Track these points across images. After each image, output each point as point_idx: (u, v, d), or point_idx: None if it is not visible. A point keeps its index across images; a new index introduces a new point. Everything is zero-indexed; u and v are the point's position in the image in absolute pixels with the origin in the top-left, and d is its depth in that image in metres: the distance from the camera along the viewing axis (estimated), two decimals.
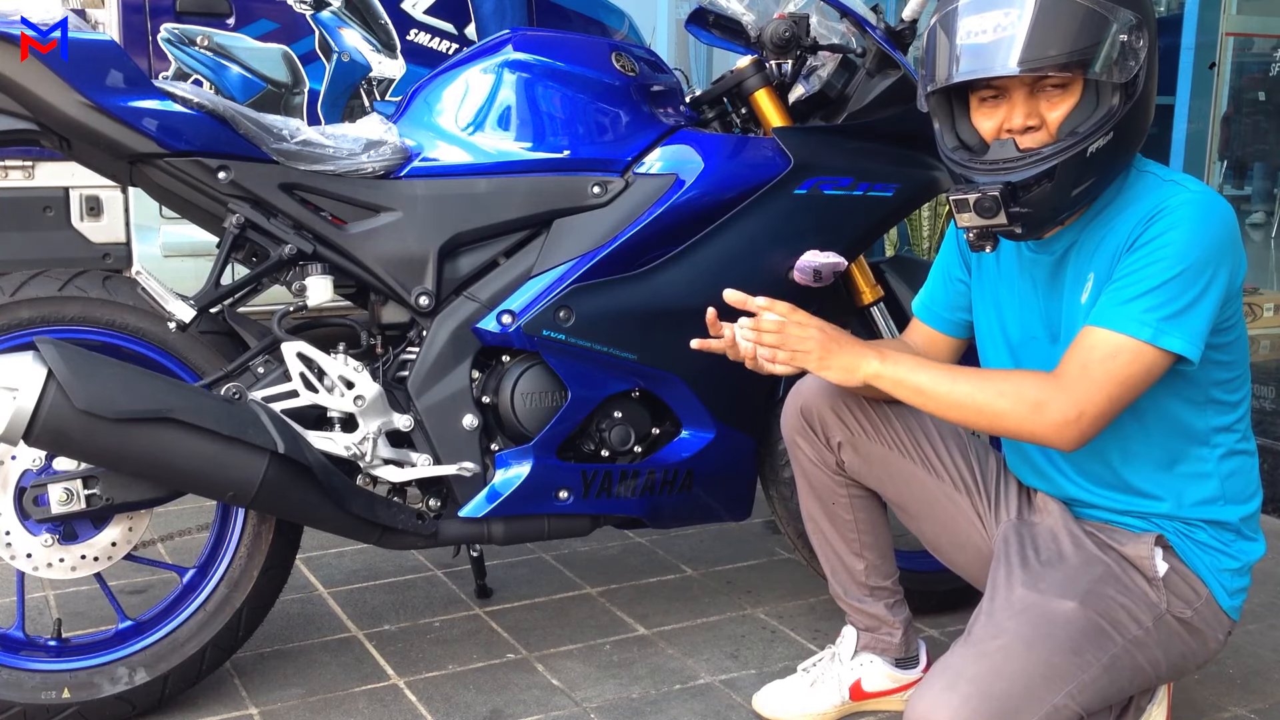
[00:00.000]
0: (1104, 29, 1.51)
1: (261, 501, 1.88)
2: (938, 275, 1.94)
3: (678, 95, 2.27)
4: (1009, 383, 1.59)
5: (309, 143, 2.00)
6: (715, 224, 2.15)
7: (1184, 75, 3.52)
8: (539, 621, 2.44)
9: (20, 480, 1.90)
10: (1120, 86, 1.54)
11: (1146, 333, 1.52)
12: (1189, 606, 1.66)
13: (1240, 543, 1.70)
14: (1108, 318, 1.55)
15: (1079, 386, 1.54)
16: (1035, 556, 1.70)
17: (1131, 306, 1.53)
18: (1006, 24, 1.53)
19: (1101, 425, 1.55)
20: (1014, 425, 1.58)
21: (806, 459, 1.97)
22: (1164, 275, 1.53)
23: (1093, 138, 1.54)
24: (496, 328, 2.06)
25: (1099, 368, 1.54)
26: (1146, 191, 1.61)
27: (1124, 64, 1.53)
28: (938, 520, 1.91)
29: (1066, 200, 1.59)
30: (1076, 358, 1.56)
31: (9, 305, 1.90)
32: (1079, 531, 1.72)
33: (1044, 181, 1.56)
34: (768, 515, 2.77)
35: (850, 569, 2.02)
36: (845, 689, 2.04)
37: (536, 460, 2.10)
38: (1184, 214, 1.54)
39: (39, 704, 1.91)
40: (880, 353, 1.67)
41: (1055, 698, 1.51)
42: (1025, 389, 1.57)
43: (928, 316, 1.95)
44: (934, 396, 1.62)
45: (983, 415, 1.59)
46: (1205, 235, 1.54)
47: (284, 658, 2.26)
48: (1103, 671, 1.56)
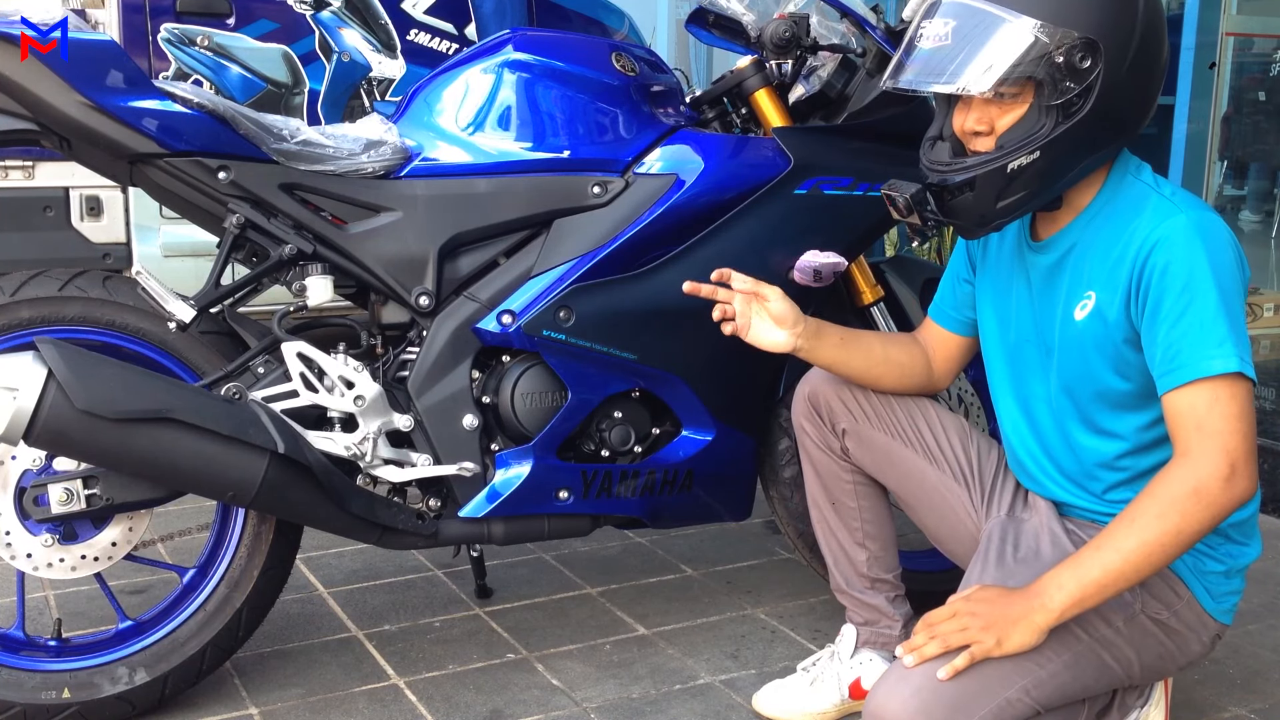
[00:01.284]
0: (1034, 49, 1.51)
1: (261, 501, 1.88)
2: (949, 277, 1.96)
3: (678, 95, 2.27)
4: (1155, 502, 1.50)
5: (309, 143, 2.00)
6: (715, 224, 2.15)
7: (1184, 75, 3.52)
8: (539, 621, 2.44)
9: (20, 480, 1.90)
10: (1055, 107, 1.53)
11: (1228, 364, 1.49)
12: (1167, 608, 1.65)
13: (1228, 546, 1.68)
14: (1186, 372, 1.51)
15: (1212, 447, 1.49)
16: (1013, 553, 1.71)
17: (1201, 353, 1.50)
18: (946, 34, 1.56)
19: (1254, 460, 1.50)
20: (1197, 527, 1.49)
21: (813, 444, 1.98)
22: (1204, 312, 1.50)
23: (1015, 155, 1.55)
24: (497, 328, 2.06)
25: (1214, 419, 1.49)
26: (1141, 206, 1.60)
27: (1058, 85, 1.52)
28: (936, 510, 1.92)
29: (992, 210, 1.60)
30: (1187, 425, 1.51)
31: (9, 305, 1.90)
32: (1060, 530, 1.73)
33: (965, 191, 1.59)
34: (768, 515, 2.77)
35: (852, 559, 2.02)
36: (845, 687, 2.04)
37: (536, 460, 2.10)
38: (1184, 244, 1.52)
39: (39, 704, 1.91)
40: (1049, 587, 1.52)
41: (1009, 691, 1.52)
42: (1173, 493, 1.50)
43: (938, 315, 1.96)
44: (1121, 576, 1.50)
45: (1169, 549, 1.50)
46: (1221, 259, 1.52)
47: (284, 658, 2.26)
48: (1063, 668, 1.56)
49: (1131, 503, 1.54)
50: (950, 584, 2.32)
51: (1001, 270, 1.81)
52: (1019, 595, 1.54)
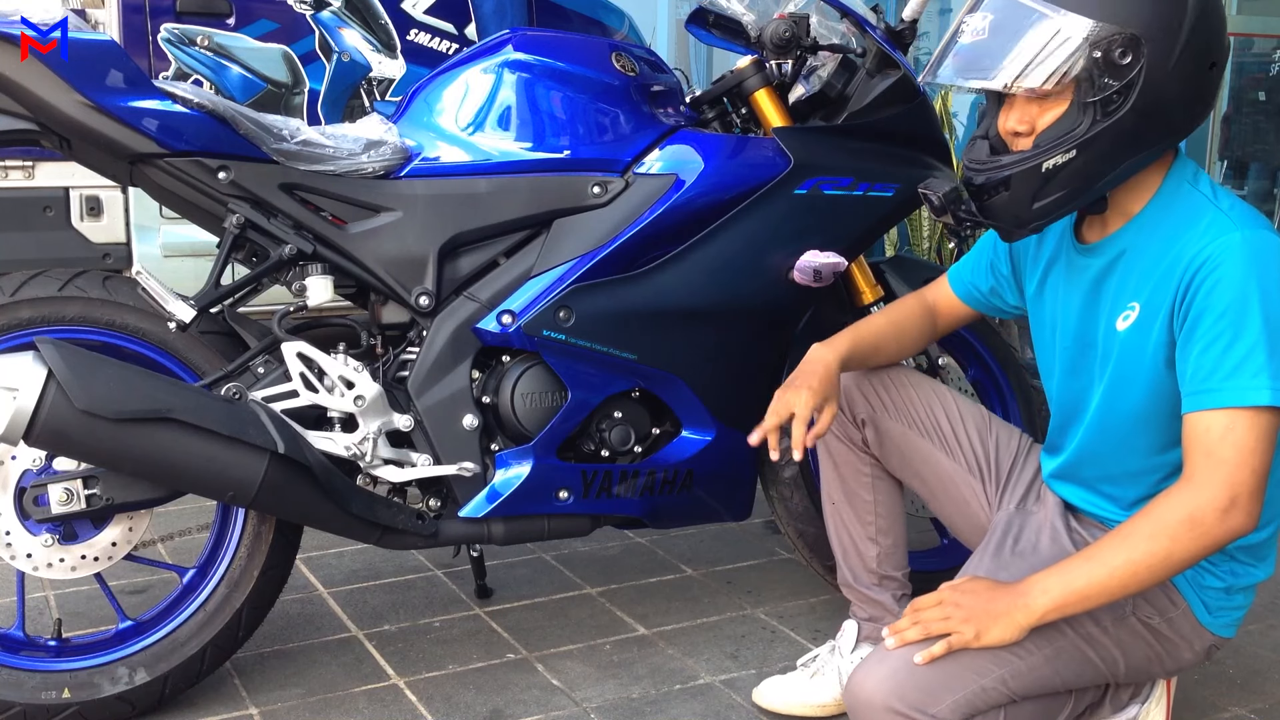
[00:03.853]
0: (1071, 44, 1.47)
1: (261, 501, 1.88)
2: (983, 257, 1.91)
3: (678, 95, 2.27)
4: (1149, 523, 1.49)
5: (309, 143, 2.00)
6: (715, 224, 2.15)
7: None
8: (539, 621, 2.44)
9: (20, 480, 1.90)
10: (1093, 104, 1.49)
11: (1260, 397, 1.45)
12: (1160, 614, 1.64)
13: (1231, 565, 1.65)
14: (1213, 398, 1.47)
15: (1216, 474, 1.46)
16: (1012, 547, 1.72)
17: (1234, 381, 1.46)
18: (983, 28, 1.53)
19: (1260, 496, 1.47)
20: (1188, 554, 1.47)
21: (833, 435, 1.98)
22: (1245, 339, 1.46)
23: (1050, 154, 1.51)
24: (496, 328, 2.06)
25: (1224, 448, 1.46)
26: (1196, 218, 1.54)
27: (1097, 81, 1.48)
28: (951, 499, 1.93)
29: (1028, 211, 1.56)
30: (1198, 450, 1.48)
31: (9, 305, 1.90)
32: (1062, 528, 1.73)
33: (1001, 190, 1.56)
34: (768, 515, 2.76)
35: (863, 554, 2.02)
36: (844, 681, 2.04)
37: (536, 460, 2.10)
38: (1237, 264, 1.47)
39: (39, 704, 1.91)
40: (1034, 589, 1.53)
41: (985, 679, 1.52)
42: (1168, 517, 1.47)
43: (957, 284, 1.95)
44: (1105, 590, 1.50)
45: (1156, 571, 1.48)
46: (1271, 283, 1.47)
47: (284, 658, 2.26)
48: (1044, 661, 1.56)
49: (1130, 519, 1.53)
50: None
51: (1054, 273, 1.76)
52: (1006, 591, 1.54)
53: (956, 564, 2.15)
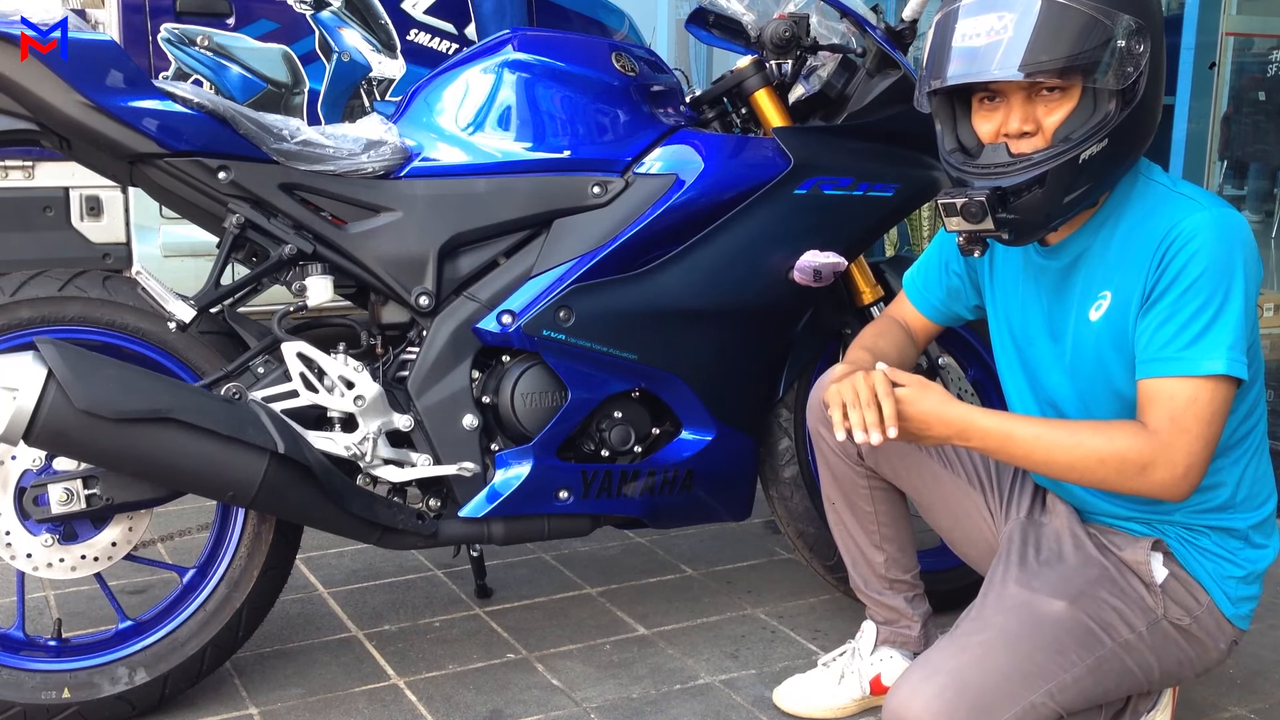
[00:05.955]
0: (1102, 34, 1.49)
1: (261, 501, 1.88)
2: (934, 262, 1.94)
3: (678, 95, 2.27)
4: (1102, 437, 1.55)
5: (309, 143, 2.00)
6: (715, 224, 2.15)
7: (1184, 75, 3.53)
8: (539, 621, 2.44)
9: (20, 480, 1.90)
10: (1118, 93, 1.52)
11: (1216, 366, 1.50)
12: (1188, 614, 1.65)
13: (1247, 550, 1.68)
14: (1174, 365, 1.52)
15: (1178, 442, 1.51)
16: (1035, 556, 1.70)
17: (1193, 347, 1.51)
18: (1002, 27, 1.52)
19: (1205, 467, 1.53)
20: (1108, 481, 1.55)
21: (829, 449, 1.97)
22: (1210, 310, 1.50)
23: (1086, 144, 1.52)
24: (496, 328, 2.06)
25: (1187, 417, 1.51)
26: (1159, 205, 1.59)
27: (1122, 70, 1.51)
28: (952, 514, 1.92)
29: (1058, 207, 1.57)
30: (1161, 411, 1.52)
31: (9, 305, 1.90)
32: (1083, 534, 1.73)
33: (1034, 188, 1.54)
34: (768, 515, 2.76)
35: (870, 561, 2.02)
36: (865, 683, 2.04)
37: (536, 460, 2.10)
38: (1208, 239, 1.51)
39: (39, 704, 1.91)
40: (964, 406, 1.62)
41: (1033, 695, 1.52)
42: (1122, 447, 1.53)
43: (916, 299, 1.97)
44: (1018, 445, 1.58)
45: (1072, 469, 1.56)
46: (1234, 258, 1.52)
47: (284, 658, 2.26)
48: (1087, 672, 1.56)
49: (1089, 421, 1.61)
50: (955, 582, 2.34)
51: (1007, 270, 1.80)
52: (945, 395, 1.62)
53: (956, 562, 2.16)
